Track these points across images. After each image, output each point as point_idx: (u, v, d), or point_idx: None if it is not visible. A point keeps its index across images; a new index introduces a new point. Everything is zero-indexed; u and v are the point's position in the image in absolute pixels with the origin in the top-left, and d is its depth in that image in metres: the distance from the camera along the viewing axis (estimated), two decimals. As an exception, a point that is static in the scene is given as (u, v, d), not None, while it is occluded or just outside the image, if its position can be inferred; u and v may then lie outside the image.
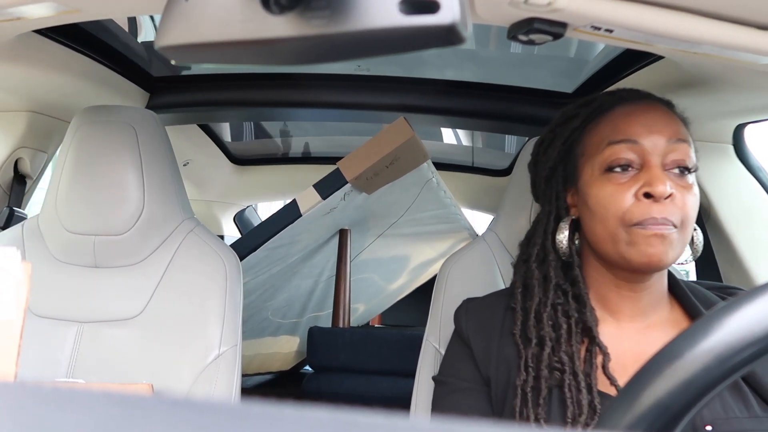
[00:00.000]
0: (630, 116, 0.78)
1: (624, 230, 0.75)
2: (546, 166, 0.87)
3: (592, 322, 0.78)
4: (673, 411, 0.36)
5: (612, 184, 0.76)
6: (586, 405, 0.72)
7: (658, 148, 0.75)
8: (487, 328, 0.85)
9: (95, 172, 1.06)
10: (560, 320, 0.79)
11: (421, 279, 2.55)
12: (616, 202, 0.75)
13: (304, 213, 1.58)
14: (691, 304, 0.82)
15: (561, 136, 0.85)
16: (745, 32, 0.62)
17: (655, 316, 0.81)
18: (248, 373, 2.19)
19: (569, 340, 0.77)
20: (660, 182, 0.73)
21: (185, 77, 1.55)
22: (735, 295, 0.84)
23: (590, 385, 0.74)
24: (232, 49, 0.35)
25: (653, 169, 0.74)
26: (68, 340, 1.03)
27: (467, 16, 0.32)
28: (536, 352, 0.78)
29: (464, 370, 0.84)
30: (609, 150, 0.77)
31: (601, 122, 0.81)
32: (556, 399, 0.75)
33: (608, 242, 0.77)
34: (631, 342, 0.79)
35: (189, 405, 0.19)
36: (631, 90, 0.84)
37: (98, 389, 0.19)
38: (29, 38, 1.01)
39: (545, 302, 0.81)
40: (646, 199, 0.73)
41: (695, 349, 0.36)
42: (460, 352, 0.87)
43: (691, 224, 0.75)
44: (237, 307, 1.07)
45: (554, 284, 0.82)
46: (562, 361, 0.76)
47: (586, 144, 0.81)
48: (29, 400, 0.19)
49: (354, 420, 0.18)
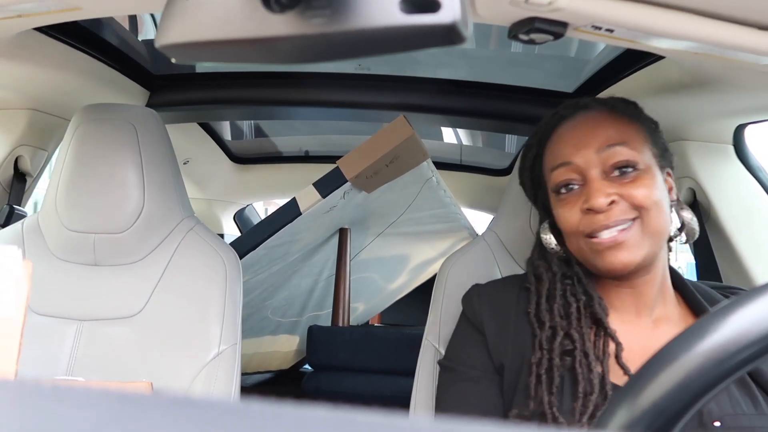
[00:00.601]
0: (562, 138, 0.83)
1: (584, 242, 0.79)
2: (529, 193, 0.94)
3: (602, 313, 0.80)
4: (671, 412, 0.36)
5: (562, 203, 0.81)
6: (597, 383, 0.73)
7: (590, 161, 0.79)
8: (501, 310, 0.86)
9: (95, 170, 1.06)
10: (570, 301, 0.81)
11: (421, 278, 2.55)
12: (568, 219, 0.80)
13: (304, 211, 1.58)
14: (695, 301, 0.83)
15: (526, 167, 0.91)
16: (745, 32, 0.62)
17: (659, 311, 0.82)
18: (247, 372, 2.19)
19: (579, 321, 0.79)
20: (597, 195, 0.76)
21: (186, 75, 1.55)
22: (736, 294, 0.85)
23: (602, 371, 0.75)
24: (232, 47, 0.35)
25: (591, 183, 0.78)
26: (68, 338, 1.03)
27: (468, 15, 0.32)
28: (549, 335, 0.79)
29: (475, 357, 0.85)
30: (552, 175, 0.83)
31: (546, 149, 0.86)
32: (568, 383, 0.76)
33: (579, 253, 0.81)
34: (638, 337, 0.80)
35: (188, 403, 0.19)
36: (569, 104, 0.87)
37: (97, 387, 0.19)
38: (30, 36, 1.01)
39: (555, 285, 0.83)
40: (590, 212, 0.77)
41: (691, 352, 0.36)
42: (470, 338, 0.87)
43: (654, 210, 0.77)
44: (236, 306, 1.07)
45: (561, 275, 0.84)
46: (573, 339, 0.77)
47: (543, 172, 0.87)
48: (29, 398, 0.19)
49: (353, 419, 0.18)
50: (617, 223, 0.75)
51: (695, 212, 1.24)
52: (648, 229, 0.76)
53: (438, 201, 1.96)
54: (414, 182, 1.77)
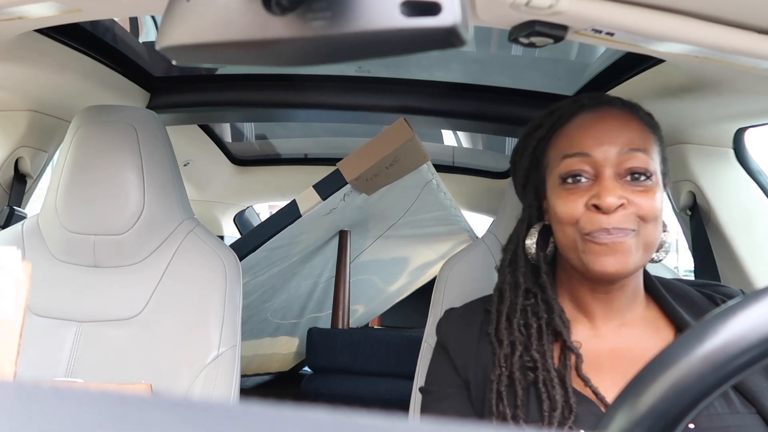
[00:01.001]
0: (583, 128, 0.80)
1: (580, 240, 0.77)
2: (520, 174, 0.90)
3: (562, 327, 0.80)
4: (671, 417, 0.36)
5: (567, 193, 0.79)
6: (560, 401, 0.73)
7: (609, 159, 0.77)
8: (464, 333, 0.87)
9: (95, 171, 1.06)
10: (530, 321, 0.81)
11: (421, 281, 2.55)
12: (570, 210, 0.77)
13: (304, 213, 1.58)
14: (665, 302, 0.83)
15: (529, 146, 0.88)
16: (745, 36, 0.62)
17: (629, 315, 0.83)
18: (247, 374, 2.19)
19: (540, 339, 0.79)
20: (608, 194, 0.74)
21: (186, 77, 1.55)
22: (721, 294, 0.85)
23: (564, 382, 0.75)
24: (233, 49, 0.35)
25: (604, 181, 0.76)
26: (67, 339, 1.03)
27: (468, 18, 0.32)
28: (508, 353, 0.79)
29: (446, 376, 0.86)
30: (563, 163, 0.80)
31: (560, 134, 0.83)
32: (533, 397, 0.76)
33: (570, 250, 0.79)
34: (606, 341, 0.81)
35: (188, 405, 0.19)
36: (594, 96, 0.85)
37: (97, 389, 0.19)
38: (31, 38, 1.01)
39: (515, 306, 0.83)
40: (596, 210, 0.75)
41: (690, 356, 0.36)
42: (440, 360, 0.89)
43: (652, 224, 0.76)
44: (236, 308, 1.07)
45: (524, 289, 0.84)
46: (534, 359, 0.77)
47: (549, 156, 0.84)
48: (28, 400, 0.19)
49: (353, 421, 0.18)
50: (617, 230, 0.74)
51: (695, 215, 1.25)
52: (643, 241, 0.76)
53: (438, 203, 1.96)
54: (414, 185, 1.77)
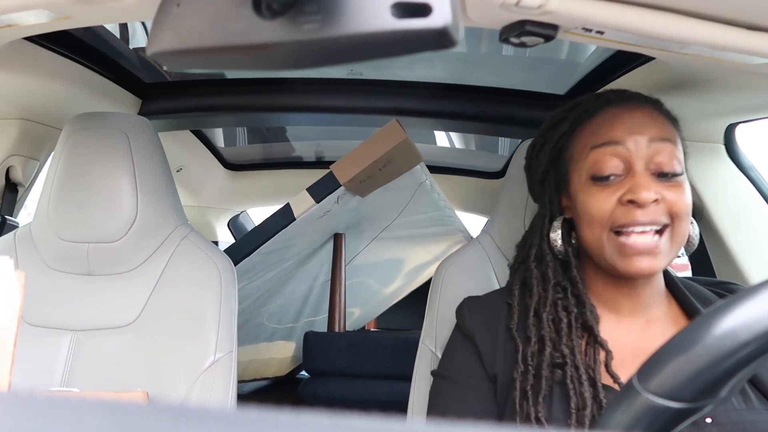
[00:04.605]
0: (612, 119, 0.79)
1: (611, 236, 0.76)
2: (538, 170, 0.89)
3: (593, 321, 0.79)
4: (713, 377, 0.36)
5: (598, 189, 0.77)
6: (589, 397, 0.73)
7: (640, 149, 0.76)
8: (491, 325, 0.85)
9: (88, 179, 1.05)
10: (560, 314, 0.80)
11: (417, 282, 2.55)
12: (601, 207, 0.76)
13: (298, 217, 1.58)
14: (687, 300, 0.82)
15: (551, 140, 0.86)
16: (734, 33, 0.63)
17: (654, 311, 0.82)
18: (244, 379, 2.18)
19: (570, 334, 0.78)
20: (643, 189, 0.73)
21: (177, 83, 1.54)
22: (730, 291, 0.85)
23: (593, 379, 0.74)
24: (224, 54, 0.35)
25: (637, 176, 0.75)
26: (62, 348, 1.02)
27: (459, 19, 0.33)
28: (536, 350, 0.78)
29: (470, 365, 0.84)
30: (592, 155, 0.78)
31: (586, 126, 0.82)
32: (558, 395, 0.75)
33: (597, 247, 0.78)
34: (631, 337, 0.80)
35: (185, 412, 0.19)
36: (618, 91, 0.84)
37: (93, 398, 0.19)
38: (20, 45, 1.01)
39: (545, 300, 0.81)
40: (630, 204, 0.74)
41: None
42: (464, 347, 0.86)
43: (683, 220, 0.75)
44: (232, 313, 1.06)
45: (553, 283, 0.82)
46: (563, 354, 0.76)
47: (573, 149, 0.82)
48: (23, 410, 0.19)
49: (351, 424, 0.18)
50: (652, 222, 0.73)
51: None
52: (676, 239, 0.75)
53: (432, 204, 1.96)
54: (408, 186, 1.77)
